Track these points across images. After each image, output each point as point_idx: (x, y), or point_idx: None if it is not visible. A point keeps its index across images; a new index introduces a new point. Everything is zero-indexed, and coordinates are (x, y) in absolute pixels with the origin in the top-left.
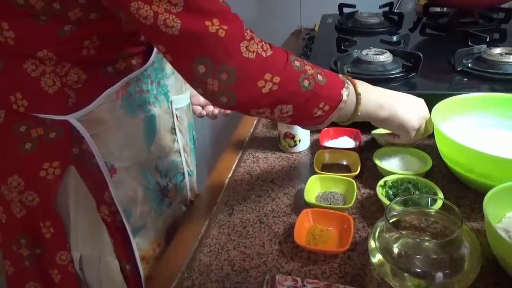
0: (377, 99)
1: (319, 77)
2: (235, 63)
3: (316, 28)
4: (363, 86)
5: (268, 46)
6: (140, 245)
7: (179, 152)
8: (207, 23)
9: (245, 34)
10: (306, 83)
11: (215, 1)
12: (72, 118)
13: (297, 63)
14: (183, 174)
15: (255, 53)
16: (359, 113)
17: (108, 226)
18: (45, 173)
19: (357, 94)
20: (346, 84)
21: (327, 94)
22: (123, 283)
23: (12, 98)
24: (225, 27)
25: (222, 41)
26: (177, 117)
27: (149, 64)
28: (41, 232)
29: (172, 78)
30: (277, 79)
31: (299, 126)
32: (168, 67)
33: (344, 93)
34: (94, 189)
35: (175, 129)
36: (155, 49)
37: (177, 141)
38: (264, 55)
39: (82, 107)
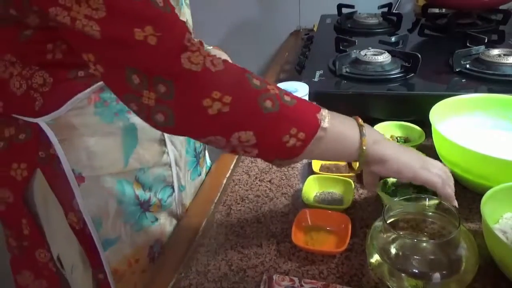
0: (378, 136)
1: (286, 98)
2: (172, 75)
3: (315, 29)
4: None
5: (220, 61)
6: (112, 258)
7: (169, 165)
8: (136, 30)
9: (188, 44)
10: (268, 103)
11: (147, 5)
12: (41, 121)
13: (256, 82)
14: (173, 188)
15: (200, 65)
16: (364, 148)
17: (77, 234)
18: (14, 173)
19: (360, 125)
20: (322, 110)
21: (298, 118)
22: None
23: None
24: (158, 34)
25: (153, 49)
26: None
27: None
28: (21, 227)
29: None
30: (227, 99)
31: (270, 162)
32: None
33: (322, 117)
34: (61, 195)
35: (164, 140)
36: None
37: (167, 153)
38: (213, 69)
39: (50, 111)
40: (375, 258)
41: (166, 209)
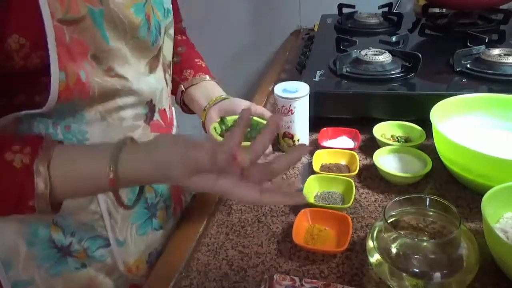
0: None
1: None
2: None
3: (316, 28)
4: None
5: None
6: None
7: (100, 216)
8: None
9: None
10: None
11: None
12: None
13: None
14: (108, 240)
15: None
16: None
17: None
18: None
19: (111, 171)
20: (36, 189)
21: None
22: None
23: None
24: None
25: None
26: None
27: (46, 107)
28: None
29: (98, 126)
30: None
31: None
32: (91, 113)
33: (38, 200)
34: None
35: None
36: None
37: (98, 202)
38: None
39: None
40: (376, 257)
41: (96, 261)
